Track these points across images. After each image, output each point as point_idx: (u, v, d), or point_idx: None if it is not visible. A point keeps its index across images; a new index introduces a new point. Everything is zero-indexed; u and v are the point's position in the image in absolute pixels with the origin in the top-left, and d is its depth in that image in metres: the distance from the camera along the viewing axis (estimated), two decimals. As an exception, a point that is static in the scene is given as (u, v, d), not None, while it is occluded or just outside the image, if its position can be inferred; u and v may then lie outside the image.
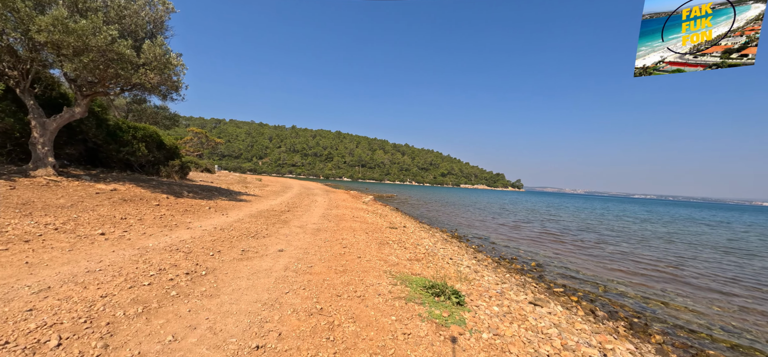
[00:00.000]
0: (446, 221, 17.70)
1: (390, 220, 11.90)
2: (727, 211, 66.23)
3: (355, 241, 6.82)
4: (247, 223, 7.49)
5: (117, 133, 13.31)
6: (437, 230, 13.09)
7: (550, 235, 14.20)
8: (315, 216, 10.17)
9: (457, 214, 22.21)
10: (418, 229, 11.20)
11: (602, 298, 6.16)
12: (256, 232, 6.72)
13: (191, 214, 8.10)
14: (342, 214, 11.48)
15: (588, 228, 18.31)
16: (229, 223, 7.25)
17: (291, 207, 11.99)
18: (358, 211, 13.41)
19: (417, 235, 9.42)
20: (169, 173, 14.59)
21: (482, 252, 9.52)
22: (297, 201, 14.90)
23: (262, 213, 9.48)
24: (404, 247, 7.09)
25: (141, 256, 4.30)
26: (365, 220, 10.68)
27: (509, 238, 12.59)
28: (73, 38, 8.15)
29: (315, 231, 7.56)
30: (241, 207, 10.41)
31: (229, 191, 15.05)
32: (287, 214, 9.96)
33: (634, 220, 25.95)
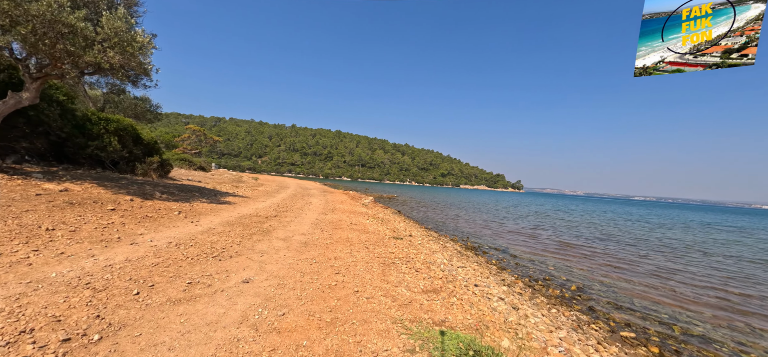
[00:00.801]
0: (454, 226, 16.16)
1: (393, 227, 10.35)
2: (734, 215, 64.68)
3: (352, 262, 5.27)
4: (215, 236, 5.93)
5: (85, 124, 11.76)
6: (448, 240, 11.54)
7: (572, 247, 12.65)
8: (306, 223, 8.62)
9: (463, 218, 20.67)
10: (427, 239, 9.66)
11: (687, 345, 4.60)
12: (223, 248, 5.16)
13: (150, 222, 6.54)
14: (338, 220, 9.93)
15: (608, 236, 16.78)
16: (191, 236, 5.69)
17: (280, 211, 10.44)
18: (356, 215, 11.86)
19: (427, 248, 7.89)
20: (146, 171, 13.02)
21: (507, 270, 7.96)
22: (289, 203, 13.35)
23: (241, 219, 7.92)
24: (415, 268, 5.54)
25: (15, 301, 2.75)
26: (365, 227, 9.13)
27: (532, 251, 11.03)
28: (6, 2, 6.60)
29: (302, 246, 6.01)
30: (220, 211, 8.86)
31: (215, 192, 13.50)
32: (272, 220, 8.41)
33: (651, 227, 24.41)
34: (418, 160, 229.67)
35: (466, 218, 20.87)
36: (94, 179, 9.92)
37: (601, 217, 31.04)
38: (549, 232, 16.60)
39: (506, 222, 20.28)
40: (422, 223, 15.90)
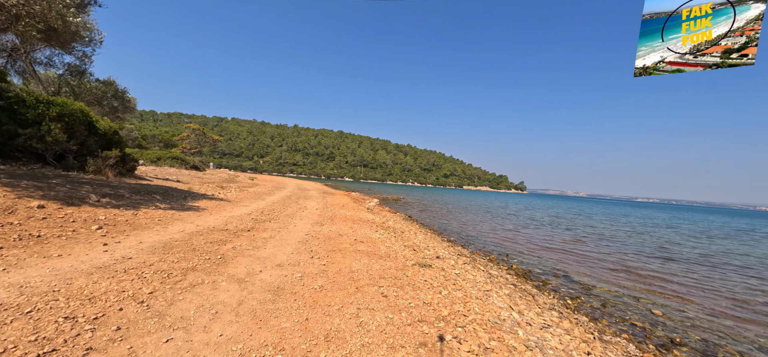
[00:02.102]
0: (476, 235, 13.47)
1: (412, 243, 7.70)
2: (749, 218, 61.39)
3: (362, 346, 2.64)
4: (109, 280, 3.28)
5: (15, 108, 9.22)
6: (486, 261, 8.80)
7: (634, 269, 9.92)
8: (291, 241, 5.98)
9: (481, 224, 17.98)
10: (462, 263, 6.97)
11: None
12: (87, 320, 2.51)
13: (33, 245, 3.92)
14: (338, 234, 7.27)
15: (661, 249, 14.04)
16: (65, 277, 3.05)
17: (262, 220, 7.81)
18: (362, 225, 9.20)
19: (469, 282, 5.24)
20: (99, 168, 10.44)
21: (600, 321, 5.22)
22: (279, 208, 10.72)
23: (194, 237, 5.28)
24: (483, 345, 2.91)
25: None
26: (375, 246, 6.47)
27: (597, 276, 8.26)
28: None
29: (268, 297, 3.34)
30: (172, 223, 6.23)
31: (186, 194, 10.89)
32: (243, 237, 5.76)
33: (694, 233, 21.58)
34: (420, 161, 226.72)
35: (485, 224, 18.18)
36: (11, 177, 7.37)
37: (628, 224, 28.27)
38: (591, 245, 13.87)
39: (534, 229, 17.58)
40: (441, 233, 13.24)
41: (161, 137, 53.36)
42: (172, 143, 52.31)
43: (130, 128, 40.54)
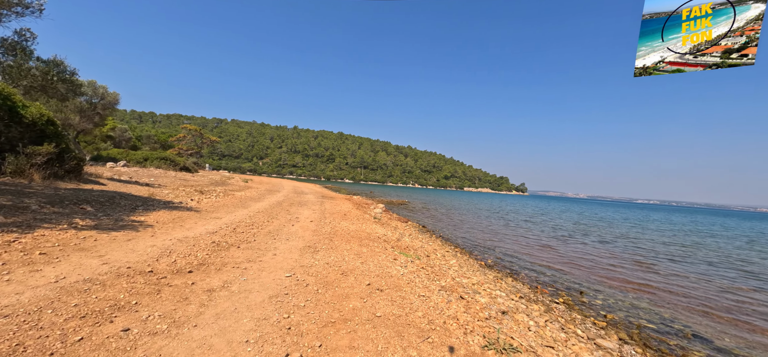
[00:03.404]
0: (514, 255, 10.89)
1: (453, 283, 5.14)
2: (759, 221, 58.75)
3: None
4: None
5: None
6: (568, 307, 6.21)
7: (695, 295, 7.38)
8: (259, 295, 3.40)
9: (506, 236, 15.42)
10: (545, 321, 4.42)
11: None
12: None
13: None
14: (341, 268, 4.68)
15: (708, 263, 11.48)
16: None
17: (227, 245, 5.23)
18: (373, 247, 6.60)
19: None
20: (21, 168, 7.85)
21: None
22: (262, 220, 8.15)
23: (51, 304, 2.71)
24: None
25: None
26: (403, 299, 3.90)
27: (663, 307, 5.74)
28: None
29: None
30: (53, 263, 3.64)
31: (144, 201, 8.28)
32: (166, 294, 3.19)
33: (723, 238, 19.04)
34: (420, 162, 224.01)
35: (508, 235, 15.62)
36: None
37: (647, 227, 25.78)
38: (625, 259, 11.26)
39: (565, 242, 15.05)
40: (471, 252, 10.67)
41: (157, 138, 50.87)
42: (168, 144, 49.81)
43: (123, 128, 38.04)
